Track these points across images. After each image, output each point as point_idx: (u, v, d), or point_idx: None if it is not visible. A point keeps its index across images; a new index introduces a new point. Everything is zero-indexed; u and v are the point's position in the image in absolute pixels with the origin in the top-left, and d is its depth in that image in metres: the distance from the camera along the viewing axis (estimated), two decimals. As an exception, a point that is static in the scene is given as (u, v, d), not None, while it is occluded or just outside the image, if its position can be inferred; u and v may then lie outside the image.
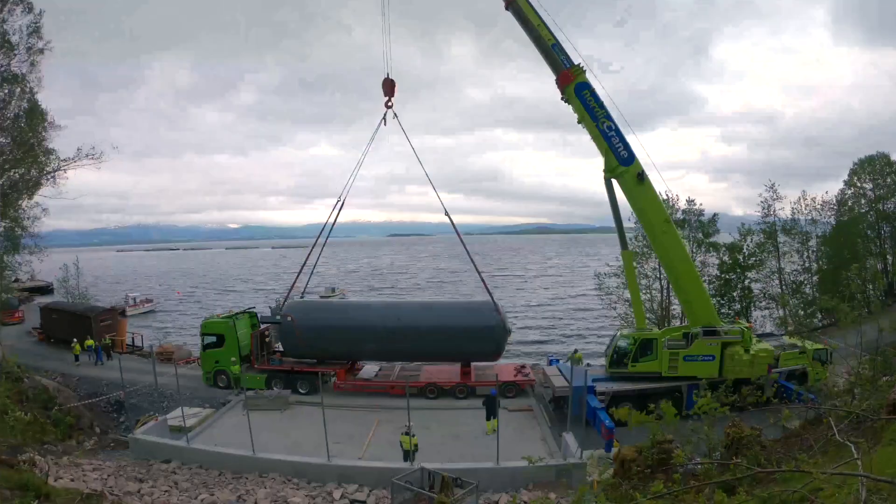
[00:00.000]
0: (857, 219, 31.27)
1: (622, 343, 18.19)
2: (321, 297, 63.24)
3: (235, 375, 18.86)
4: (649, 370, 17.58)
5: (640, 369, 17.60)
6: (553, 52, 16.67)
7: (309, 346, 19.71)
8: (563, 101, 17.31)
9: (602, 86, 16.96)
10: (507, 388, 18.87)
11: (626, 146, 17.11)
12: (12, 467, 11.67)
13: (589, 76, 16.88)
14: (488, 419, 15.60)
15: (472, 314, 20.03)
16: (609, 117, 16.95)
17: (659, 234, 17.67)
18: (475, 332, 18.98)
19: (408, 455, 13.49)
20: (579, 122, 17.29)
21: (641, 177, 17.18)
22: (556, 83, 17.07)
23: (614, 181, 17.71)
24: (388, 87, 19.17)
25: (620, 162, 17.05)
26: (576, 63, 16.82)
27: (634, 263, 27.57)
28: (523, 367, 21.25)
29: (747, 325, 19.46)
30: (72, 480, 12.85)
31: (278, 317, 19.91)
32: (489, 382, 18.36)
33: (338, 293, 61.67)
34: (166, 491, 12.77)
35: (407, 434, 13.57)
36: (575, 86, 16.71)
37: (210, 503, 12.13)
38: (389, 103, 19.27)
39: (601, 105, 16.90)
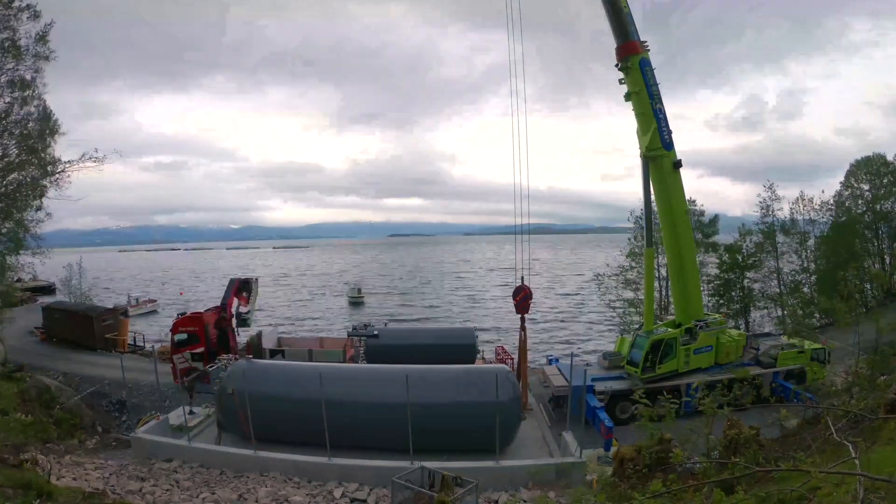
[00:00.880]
0: (854, 219, 31.34)
1: (648, 346, 17.99)
2: (348, 296, 61.41)
3: None
4: (671, 369, 17.90)
5: (664, 370, 17.87)
6: (626, 20, 16.81)
7: (257, 428, 13.94)
8: (617, 69, 17.50)
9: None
10: None
11: (669, 133, 17.49)
12: (15, 466, 11.74)
13: None
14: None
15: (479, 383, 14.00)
16: (661, 100, 17.31)
17: (679, 223, 18.16)
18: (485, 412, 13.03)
19: None
20: (627, 97, 17.55)
21: (678, 165, 17.69)
22: (618, 51, 17.23)
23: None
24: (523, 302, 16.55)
25: (664, 145, 17.37)
26: (642, 40, 17.09)
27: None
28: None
29: (720, 315, 20.81)
30: (74, 479, 12.91)
31: (215, 386, 15.09)
32: None
33: (364, 294, 60.83)
34: (168, 490, 12.81)
35: None
36: (640, 59, 16.98)
37: (212, 502, 12.19)
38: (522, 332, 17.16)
39: (657, 86, 17.26)
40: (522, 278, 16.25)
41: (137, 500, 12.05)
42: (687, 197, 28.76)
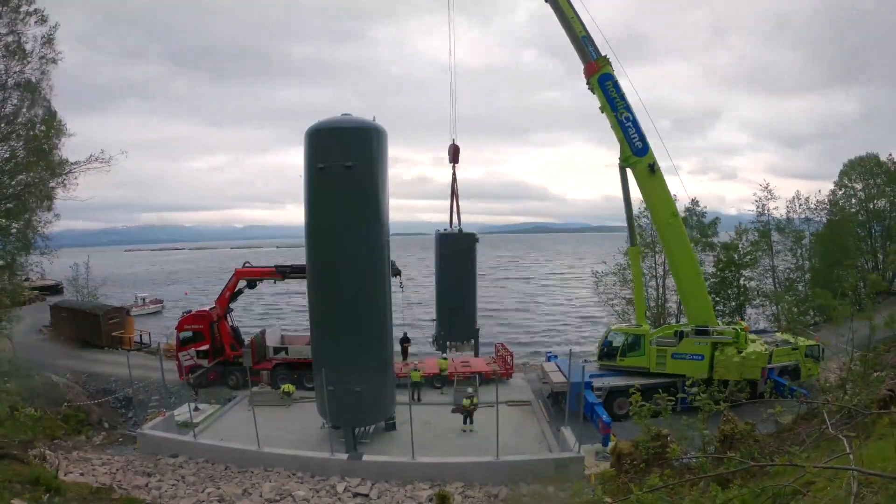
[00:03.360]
0: (847, 218, 31.56)
1: (613, 338, 18.72)
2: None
3: None
4: (637, 365, 17.99)
5: (627, 364, 18.02)
6: (582, 44, 17.13)
7: None
8: (588, 90, 17.79)
9: (629, 78, 17.90)
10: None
11: (642, 138, 17.55)
12: (24, 462, 11.95)
13: (616, 67, 17.46)
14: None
15: None
16: (628, 108, 17.40)
17: (664, 226, 18.09)
18: None
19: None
20: (602, 111, 17.76)
21: (652, 168, 17.65)
22: (584, 72, 17.58)
23: (629, 172, 18.19)
24: (454, 154, 18.39)
25: (634, 152, 17.52)
26: (602, 55, 17.26)
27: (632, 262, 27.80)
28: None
29: (744, 326, 19.21)
30: (81, 475, 13.15)
31: None
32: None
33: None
34: (174, 485, 13.04)
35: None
36: (599, 76, 17.18)
37: (217, 497, 12.40)
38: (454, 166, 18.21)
39: (622, 96, 17.33)
40: (454, 139, 17.91)
41: (144, 495, 12.27)
42: (692, 197, 29.04)
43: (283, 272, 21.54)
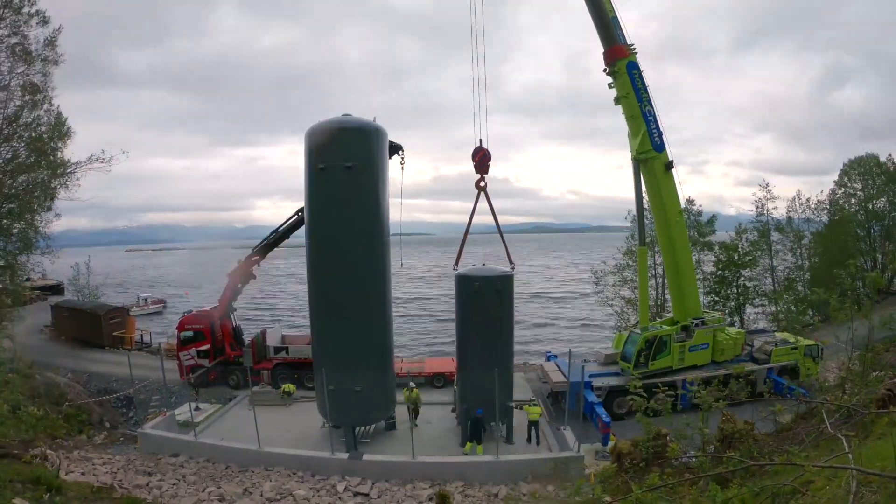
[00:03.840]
0: (847, 217, 31.63)
1: (641, 343, 18.16)
2: None
3: None
4: (665, 366, 18.10)
5: (657, 366, 18.02)
6: (611, 24, 16.68)
7: None
8: (605, 73, 17.41)
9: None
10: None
11: (660, 134, 17.53)
12: (25, 461, 11.97)
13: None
14: (471, 441, 14.02)
15: None
16: (651, 102, 17.33)
17: (673, 224, 18.27)
18: None
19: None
20: (617, 101, 17.49)
21: (669, 166, 17.77)
22: (605, 55, 17.14)
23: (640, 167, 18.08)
24: (482, 162, 15.26)
25: (654, 147, 17.41)
26: (629, 43, 17.02)
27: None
28: None
29: (719, 313, 21.45)
30: (82, 474, 13.16)
31: None
32: None
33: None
34: (174, 484, 13.06)
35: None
36: (627, 63, 16.94)
37: (217, 496, 12.43)
38: (483, 183, 15.55)
39: (646, 88, 17.22)
40: (481, 140, 15.42)
41: (144, 495, 12.28)
42: (685, 196, 29.12)
43: (259, 252, 21.61)
